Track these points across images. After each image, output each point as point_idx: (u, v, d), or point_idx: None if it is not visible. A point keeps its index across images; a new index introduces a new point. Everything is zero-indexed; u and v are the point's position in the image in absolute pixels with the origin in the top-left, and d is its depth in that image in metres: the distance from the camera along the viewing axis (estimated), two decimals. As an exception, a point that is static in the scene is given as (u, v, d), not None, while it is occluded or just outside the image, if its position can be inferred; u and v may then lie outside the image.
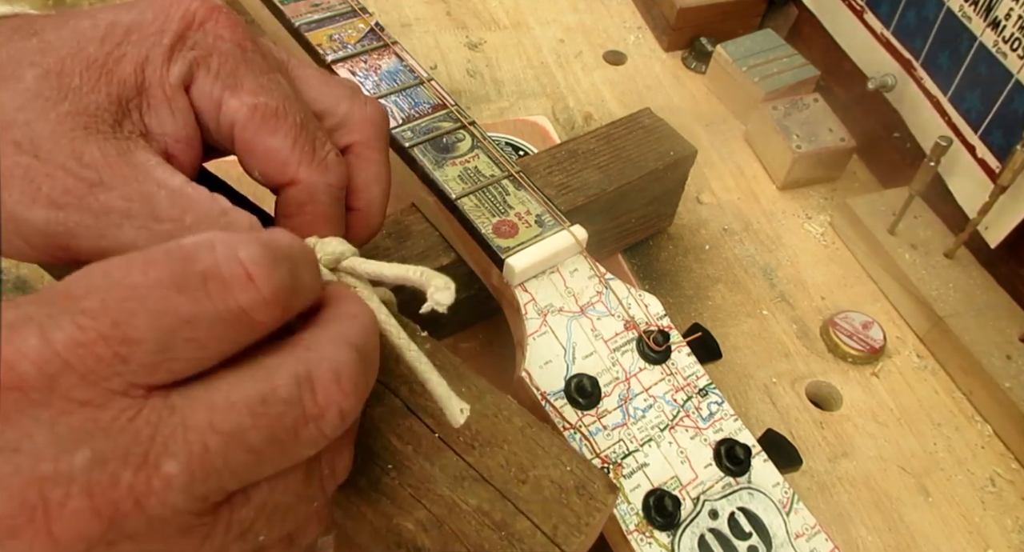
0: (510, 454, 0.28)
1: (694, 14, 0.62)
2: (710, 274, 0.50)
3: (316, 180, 0.28)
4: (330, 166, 0.28)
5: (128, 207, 0.25)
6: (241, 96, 0.27)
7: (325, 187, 0.28)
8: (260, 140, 0.27)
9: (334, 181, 0.28)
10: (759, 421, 0.43)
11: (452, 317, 0.42)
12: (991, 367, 0.43)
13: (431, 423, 0.28)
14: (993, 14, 0.45)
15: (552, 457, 0.28)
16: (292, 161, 0.27)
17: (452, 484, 0.27)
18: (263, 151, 0.27)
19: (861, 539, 0.39)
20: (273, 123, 0.27)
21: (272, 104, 0.27)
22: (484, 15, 0.65)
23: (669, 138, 0.46)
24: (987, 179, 0.46)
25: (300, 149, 0.27)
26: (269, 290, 0.20)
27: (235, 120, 0.27)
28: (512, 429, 0.28)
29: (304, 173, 0.27)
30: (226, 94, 0.27)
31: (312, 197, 0.28)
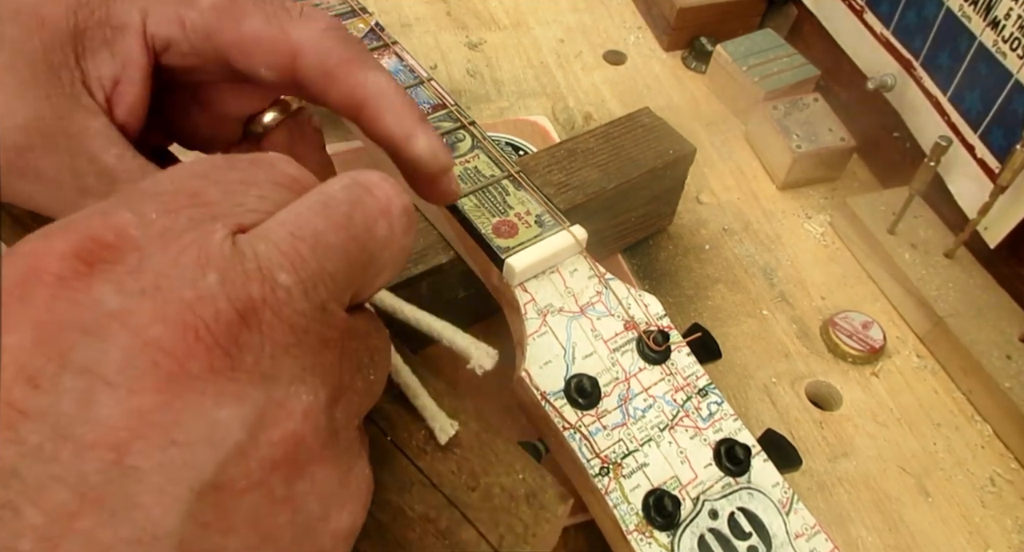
0: (462, 460, 0.27)
1: (694, 14, 0.62)
2: (710, 274, 0.50)
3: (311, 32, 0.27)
4: (312, 14, 0.27)
5: (58, 177, 0.26)
6: (197, 4, 0.26)
7: (324, 33, 0.27)
8: (237, 35, 0.26)
9: (327, 24, 0.27)
10: (759, 421, 0.43)
11: (452, 316, 0.42)
12: (991, 367, 0.43)
13: (384, 425, 0.28)
14: (993, 14, 0.45)
15: (505, 464, 0.28)
16: (276, 32, 0.26)
17: (400, 489, 0.27)
18: (248, 44, 0.26)
19: (861, 539, 0.39)
20: (235, 10, 0.26)
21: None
22: (484, 15, 0.65)
23: (668, 136, 0.46)
24: (987, 179, 0.46)
25: (275, 17, 0.27)
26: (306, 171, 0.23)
27: (206, 32, 0.26)
28: (468, 434, 0.28)
29: (295, 34, 0.26)
30: (182, 10, 0.26)
31: (323, 50, 0.27)
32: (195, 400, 0.18)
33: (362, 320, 0.23)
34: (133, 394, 0.17)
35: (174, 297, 0.18)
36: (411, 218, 0.23)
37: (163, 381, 0.17)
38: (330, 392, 0.20)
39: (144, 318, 0.18)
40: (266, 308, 0.19)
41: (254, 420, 0.18)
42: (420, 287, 0.39)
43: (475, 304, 0.42)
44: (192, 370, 0.18)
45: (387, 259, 0.23)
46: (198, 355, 0.18)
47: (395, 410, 0.28)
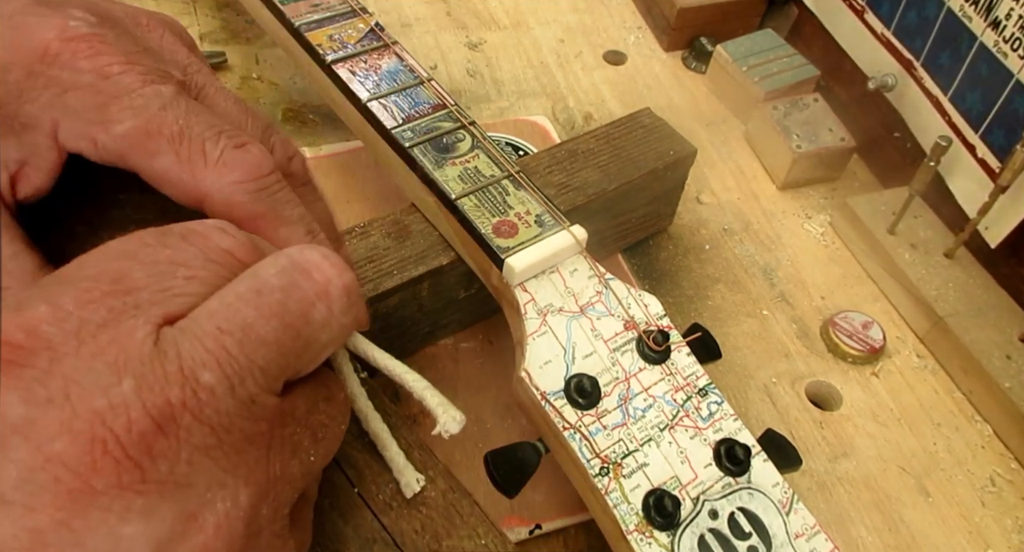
0: (427, 519, 0.27)
1: (694, 14, 0.62)
2: (710, 274, 0.50)
3: (220, 183, 0.25)
4: (230, 162, 0.25)
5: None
6: (110, 128, 0.25)
7: (233, 186, 0.25)
8: (147, 168, 0.25)
9: (241, 176, 0.25)
10: (759, 421, 0.43)
11: (452, 317, 0.42)
12: (991, 367, 0.43)
13: (352, 475, 0.28)
14: (993, 14, 0.45)
15: (469, 528, 0.27)
16: (185, 176, 0.25)
17: (362, 546, 0.26)
18: (157, 178, 0.25)
19: (861, 539, 0.39)
20: (149, 143, 0.25)
21: (139, 124, 0.25)
22: (484, 15, 0.65)
23: (669, 137, 0.46)
24: (987, 179, 0.46)
25: (187, 160, 0.25)
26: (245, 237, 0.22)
27: (120, 154, 0.25)
28: (435, 492, 0.28)
29: (204, 182, 0.25)
30: (94, 130, 0.25)
31: (229, 202, 0.25)
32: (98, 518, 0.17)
33: (302, 399, 0.22)
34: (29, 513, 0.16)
35: (84, 407, 0.17)
36: (352, 297, 0.22)
37: (63, 498, 0.16)
38: (254, 491, 0.19)
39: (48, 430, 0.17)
40: (186, 412, 0.18)
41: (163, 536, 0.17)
42: (420, 288, 0.39)
43: (475, 304, 0.42)
44: (97, 486, 0.17)
45: (326, 340, 0.22)
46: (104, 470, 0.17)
47: (364, 460, 0.28)
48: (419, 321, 0.41)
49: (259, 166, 0.26)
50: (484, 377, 0.42)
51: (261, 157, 0.26)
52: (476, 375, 0.42)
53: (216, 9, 0.60)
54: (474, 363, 0.43)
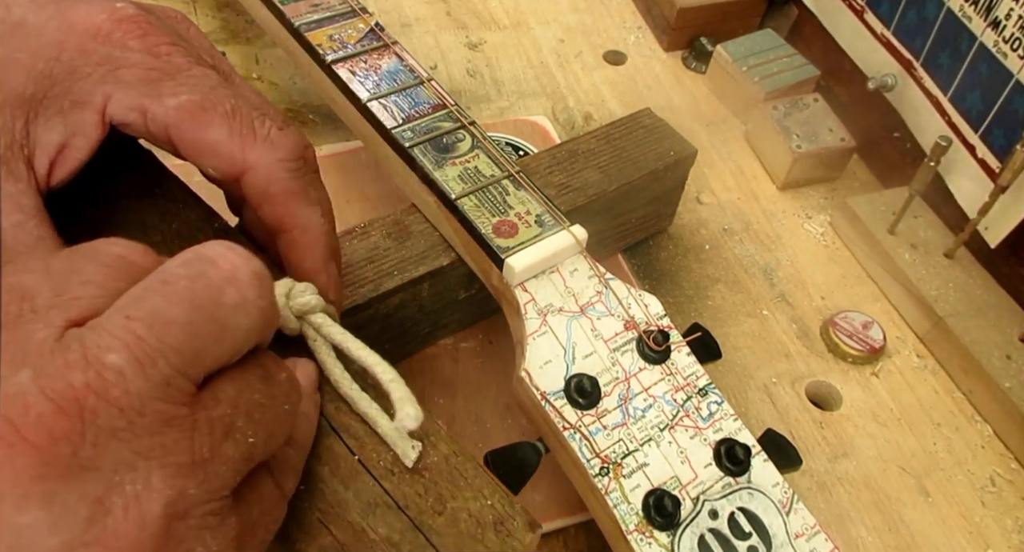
0: (430, 483, 0.27)
1: (694, 14, 0.62)
2: (710, 274, 0.50)
3: (267, 158, 0.27)
4: (276, 141, 0.28)
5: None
6: (163, 100, 0.26)
7: (278, 163, 0.28)
8: (197, 138, 0.27)
9: (285, 155, 0.28)
10: (759, 421, 0.43)
11: (452, 317, 0.42)
12: (991, 367, 0.43)
13: (352, 445, 0.28)
14: (993, 14, 0.45)
15: (474, 489, 0.27)
16: (235, 148, 0.27)
17: (364, 510, 0.26)
18: (204, 148, 0.27)
19: (861, 539, 0.39)
20: (203, 117, 0.27)
21: (196, 98, 0.27)
22: (484, 15, 0.65)
23: (669, 138, 0.46)
24: (987, 179, 0.46)
25: (239, 134, 0.27)
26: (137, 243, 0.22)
27: (166, 125, 0.27)
28: (437, 457, 0.28)
29: (252, 156, 0.27)
30: (146, 102, 0.26)
31: (270, 176, 0.28)
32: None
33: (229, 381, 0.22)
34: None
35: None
36: (263, 281, 0.23)
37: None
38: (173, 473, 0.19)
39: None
40: (90, 394, 0.18)
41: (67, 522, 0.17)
42: (421, 288, 0.39)
43: (475, 304, 0.42)
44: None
45: (246, 324, 0.22)
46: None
47: (365, 429, 0.28)
48: (419, 321, 0.41)
49: (300, 146, 0.28)
50: (484, 377, 0.42)
51: (301, 139, 0.29)
52: (476, 375, 0.42)
53: (216, 9, 0.60)
54: (474, 363, 0.43)
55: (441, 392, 0.41)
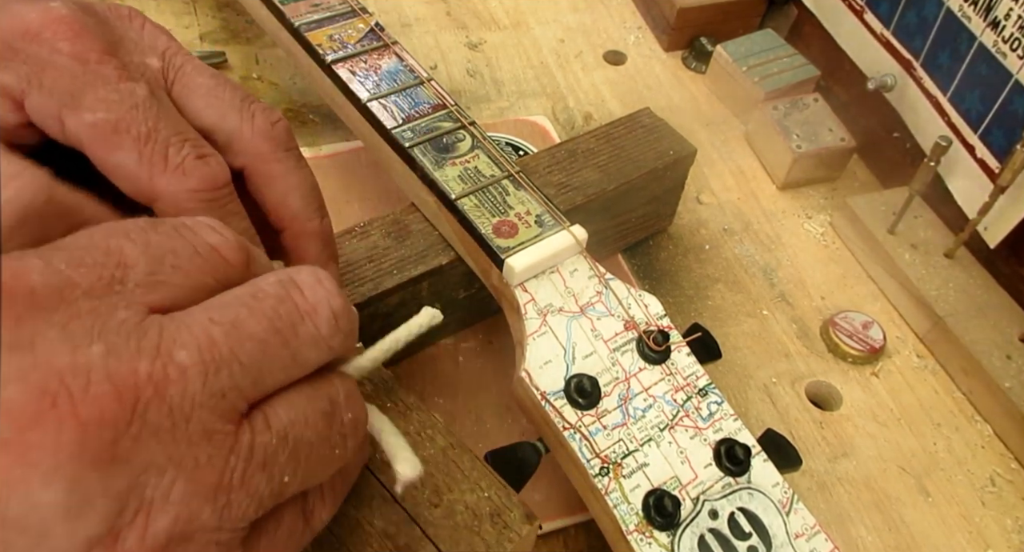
0: (427, 475, 0.27)
1: (694, 14, 0.62)
2: (710, 274, 0.50)
3: (176, 189, 0.26)
4: (188, 170, 0.26)
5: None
6: (79, 114, 0.25)
7: (188, 193, 0.26)
8: (106, 159, 0.26)
9: (197, 185, 0.26)
10: (759, 421, 0.43)
11: (452, 316, 0.42)
12: (991, 367, 0.43)
13: None
14: (993, 14, 0.45)
15: (471, 482, 0.27)
16: (143, 175, 0.26)
17: (359, 503, 0.26)
18: (112, 169, 0.26)
19: (861, 539, 0.39)
20: (115, 139, 0.25)
21: (111, 118, 0.25)
22: (484, 15, 0.65)
23: (669, 137, 0.46)
24: (987, 179, 0.46)
25: (148, 161, 0.26)
26: (233, 237, 0.22)
27: (80, 140, 0.26)
28: (434, 449, 0.27)
29: (160, 184, 0.26)
30: (63, 112, 0.25)
31: (180, 207, 0.26)
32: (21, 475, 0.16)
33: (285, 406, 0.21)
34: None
35: (45, 360, 0.17)
36: (340, 321, 0.22)
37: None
38: (195, 490, 0.18)
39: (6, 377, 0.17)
40: (150, 385, 0.18)
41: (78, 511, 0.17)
42: (420, 288, 0.39)
43: (475, 304, 0.42)
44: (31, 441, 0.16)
45: (314, 358, 0.22)
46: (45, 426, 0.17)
47: None
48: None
49: (215, 178, 0.27)
50: (484, 377, 0.42)
51: (219, 170, 0.27)
52: (476, 375, 0.42)
53: (216, 9, 0.60)
54: (474, 363, 0.43)
55: (441, 392, 0.41)
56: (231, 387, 0.19)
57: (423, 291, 0.39)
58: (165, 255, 0.21)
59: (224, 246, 0.22)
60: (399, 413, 0.28)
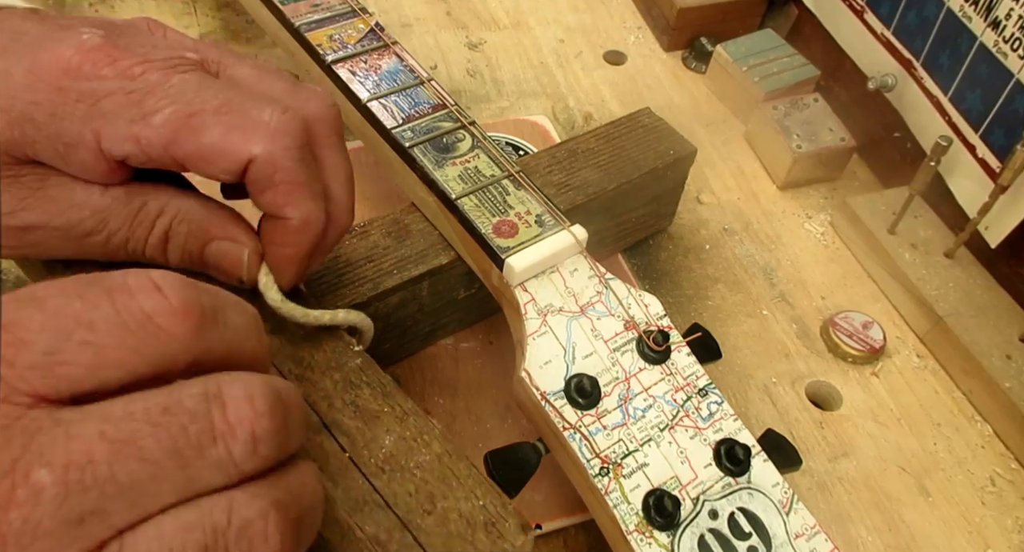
0: (421, 482, 0.26)
1: (694, 14, 0.62)
2: (710, 274, 0.50)
3: (270, 147, 0.26)
4: (278, 127, 0.26)
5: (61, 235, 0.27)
6: (149, 121, 0.25)
7: (283, 151, 0.26)
8: (194, 146, 0.26)
9: (290, 142, 0.27)
10: (759, 421, 0.43)
11: (452, 317, 0.42)
12: (991, 367, 0.43)
13: (344, 442, 0.27)
14: (993, 14, 0.45)
15: (466, 489, 0.27)
16: (236, 143, 0.26)
17: (352, 508, 0.26)
18: (206, 153, 0.26)
19: (861, 539, 0.39)
20: (193, 122, 0.26)
21: (180, 107, 0.26)
22: (484, 15, 0.65)
23: (669, 137, 0.46)
24: (987, 179, 0.46)
25: (237, 128, 0.26)
26: (178, 300, 0.19)
27: (162, 145, 0.26)
28: (430, 455, 0.27)
29: (255, 147, 0.26)
30: (135, 128, 0.25)
31: (275, 165, 0.26)
32: None
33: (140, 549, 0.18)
34: None
35: None
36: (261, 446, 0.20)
37: None
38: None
39: None
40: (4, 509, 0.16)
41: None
42: (420, 287, 0.39)
43: (475, 304, 0.42)
44: None
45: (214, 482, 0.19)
46: None
47: (357, 426, 0.28)
48: (419, 321, 0.41)
49: (303, 133, 0.27)
50: (484, 377, 0.42)
51: (303, 124, 0.27)
52: (476, 375, 0.42)
53: (216, 9, 0.60)
54: (474, 363, 0.43)
55: (441, 392, 0.41)
56: (93, 512, 0.17)
57: (423, 291, 0.39)
58: (76, 329, 0.18)
59: (162, 313, 0.19)
60: (396, 417, 0.28)
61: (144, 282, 0.19)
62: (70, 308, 0.18)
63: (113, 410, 0.18)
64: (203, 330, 0.20)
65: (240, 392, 0.20)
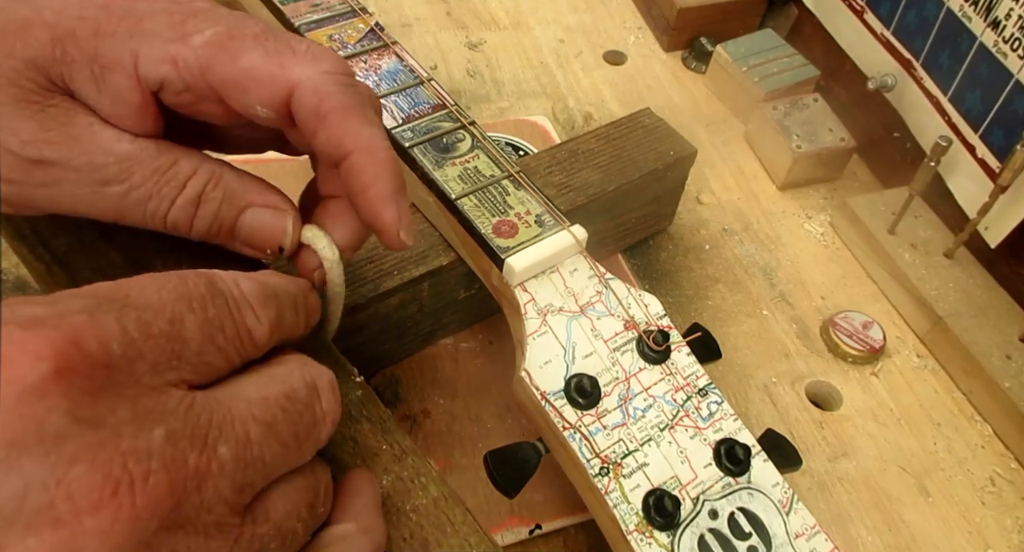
0: (416, 527, 0.26)
1: (694, 14, 0.62)
2: (710, 274, 0.50)
3: (310, 72, 0.25)
4: (318, 54, 0.26)
5: (77, 177, 0.25)
6: (189, 41, 0.25)
7: (324, 75, 0.26)
8: (232, 70, 0.25)
9: (331, 67, 0.26)
10: (759, 421, 0.43)
11: (452, 317, 0.42)
12: (991, 367, 0.43)
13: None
14: (993, 14, 0.45)
15: (460, 537, 0.26)
16: (274, 68, 0.25)
17: None
18: (244, 78, 0.25)
19: (861, 539, 0.39)
20: (233, 45, 0.25)
21: (221, 29, 0.25)
22: (484, 15, 0.65)
23: (669, 138, 0.46)
24: (987, 179, 0.46)
25: (276, 53, 0.25)
26: (269, 320, 0.23)
27: (200, 68, 0.25)
28: (426, 499, 0.27)
29: (295, 72, 0.25)
30: (173, 48, 0.25)
31: (319, 91, 0.25)
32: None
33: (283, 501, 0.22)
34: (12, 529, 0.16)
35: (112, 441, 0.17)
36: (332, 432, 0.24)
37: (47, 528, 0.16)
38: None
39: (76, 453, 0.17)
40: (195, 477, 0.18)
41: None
42: (421, 288, 0.39)
43: (475, 304, 0.42)
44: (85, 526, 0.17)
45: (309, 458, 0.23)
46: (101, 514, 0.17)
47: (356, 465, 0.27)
48: (419, 321, 0.41)
49: (343, 62, 0.27)
50: (484, 377, 0.42)
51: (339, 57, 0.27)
52: (476, 375, 0.42)
53: (216, 9, 0.60)
54: (474, 363, 0.43)
55: (441, 392, 0.41)
56: (249, 484, 0.20)
57: (423, 292, 0.39)
58: (215, 334, 0.21)
59: (258, 331, 0.23)
60: (394, 456, 0.28)
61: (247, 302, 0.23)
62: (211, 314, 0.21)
63: (248, 392, 0.21)
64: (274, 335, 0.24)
65: (327, 384, 0.24)
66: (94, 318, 0.18)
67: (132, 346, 0.19)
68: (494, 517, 0.37)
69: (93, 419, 0.17)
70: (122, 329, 0.19)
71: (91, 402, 0.17)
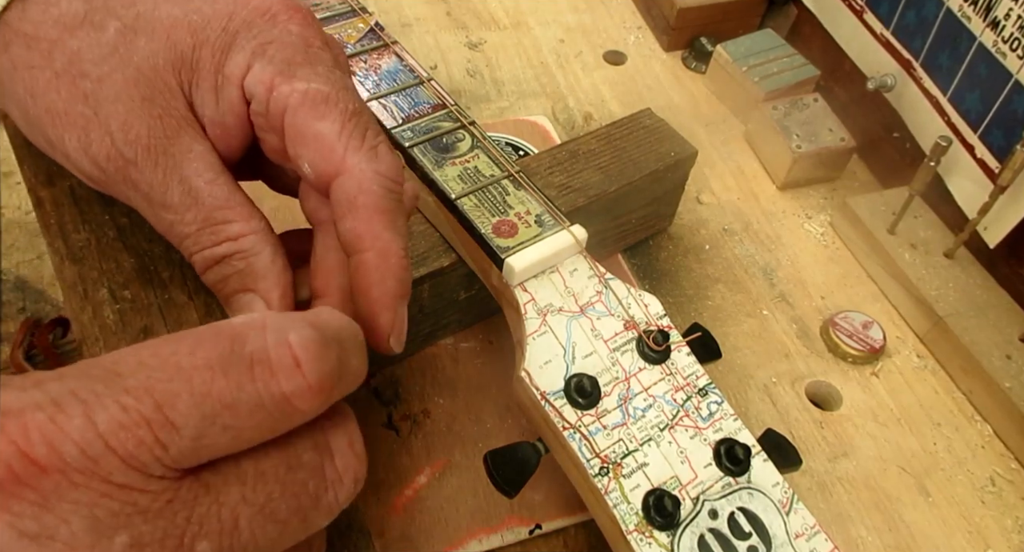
0: None
1: (694, 14, 0.62)
2: (710, 274, 0.50)
3: (365, 167, 0.27)
4: (381, 155, 0.27)
5: (149, 192, 0.27)
6: (293, 83, 0.27)
7: (374, 175, 0.27)
8: (308, 124, 0.27)
9: (385, 170, 0.27)
10: (759, 421, 0.43)
11: (452, 317, 0.42)
12: (991, 367, 0.43)
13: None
14: (993, 14, 0.45)
15: None
16: (339, 147, 0.27)
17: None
18: (311, 136, 0.27)
19: (861, 539, 0.39)
20: (322, 108, 0.27)
21: (324, 90, 0.27)
22: (484, 15, 0.66)
23: (670, 138, 0.46)
24: (987, 179, 0.46)
25: (348, 135, 0.27)
26: (315, 378, 0.20)
27: (286, 105, 0.27)
28: None
29: (352, 160, 0.27)
30: (278, 79, 0.27)
31: (362, 186, 0.26)
32: None
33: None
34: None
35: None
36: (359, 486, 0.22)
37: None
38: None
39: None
40: None
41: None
42: (421, 290, 0.39)
43: (475, 304, 0.42)
44: None
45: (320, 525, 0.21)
46: None
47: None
48: (420, 322, 0.41)
49: (400, 170, 0.28)
50: (484, 377, 0.42)
51: (400, 166, 0.29)
52: (476, 375, 0.42)
53: (216, 9, 0.60)
54: (474, 363, 0.43)
55: (441, 392, 0.41)
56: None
57: (424, 293, 0.39)
58: (220, 413, 0.19)
59: (299, 394, 0.19)
60: None
61: (283, 356, 0.19)
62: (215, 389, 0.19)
63: (246, 469, 0.19)
64: (331, 397, 0.21)
65: (343, 441, 0.21)
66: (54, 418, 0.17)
67: (95, 444, 0.17)
68: (494, 517, 0.37)
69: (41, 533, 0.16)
70: (87, 425, 0.17)
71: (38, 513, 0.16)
